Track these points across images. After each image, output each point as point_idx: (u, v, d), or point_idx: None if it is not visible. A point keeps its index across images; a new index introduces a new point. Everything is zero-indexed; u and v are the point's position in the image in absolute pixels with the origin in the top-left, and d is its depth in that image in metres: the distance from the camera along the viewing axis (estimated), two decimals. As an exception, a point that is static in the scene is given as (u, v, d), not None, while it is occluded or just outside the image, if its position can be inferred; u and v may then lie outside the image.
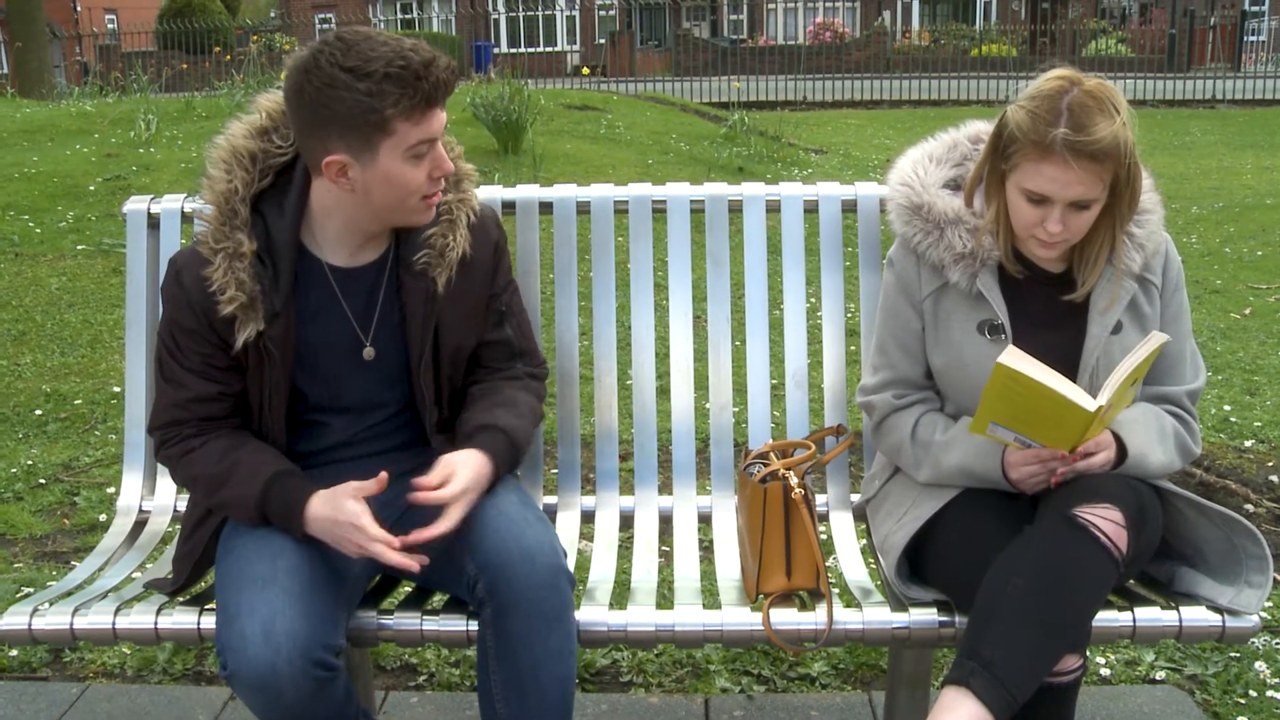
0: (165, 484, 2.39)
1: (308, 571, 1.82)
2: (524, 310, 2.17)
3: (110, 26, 35.48)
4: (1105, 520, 1.77)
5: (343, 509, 1.80)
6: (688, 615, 1.93)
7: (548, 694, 1.82)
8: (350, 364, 1.98)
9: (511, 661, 1.82)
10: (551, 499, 2.39)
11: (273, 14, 39.60)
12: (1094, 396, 1.80)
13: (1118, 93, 1.88)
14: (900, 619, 1.91)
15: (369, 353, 1.97)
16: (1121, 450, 1.92)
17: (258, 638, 1.70)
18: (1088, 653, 1.83)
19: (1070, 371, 1.94)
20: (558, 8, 32.49)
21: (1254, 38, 26.48)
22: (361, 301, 1.96)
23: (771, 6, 35.43)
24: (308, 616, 1.75)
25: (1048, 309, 2.02)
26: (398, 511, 1.98)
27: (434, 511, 1.86)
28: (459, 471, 1.86)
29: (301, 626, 1.72)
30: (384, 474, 1.81)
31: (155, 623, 1.95)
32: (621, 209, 2.42)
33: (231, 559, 1.86)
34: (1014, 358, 1.80)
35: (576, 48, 34.72)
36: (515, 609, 1.81)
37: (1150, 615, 1.90)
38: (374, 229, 1.94)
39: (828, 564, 2.02)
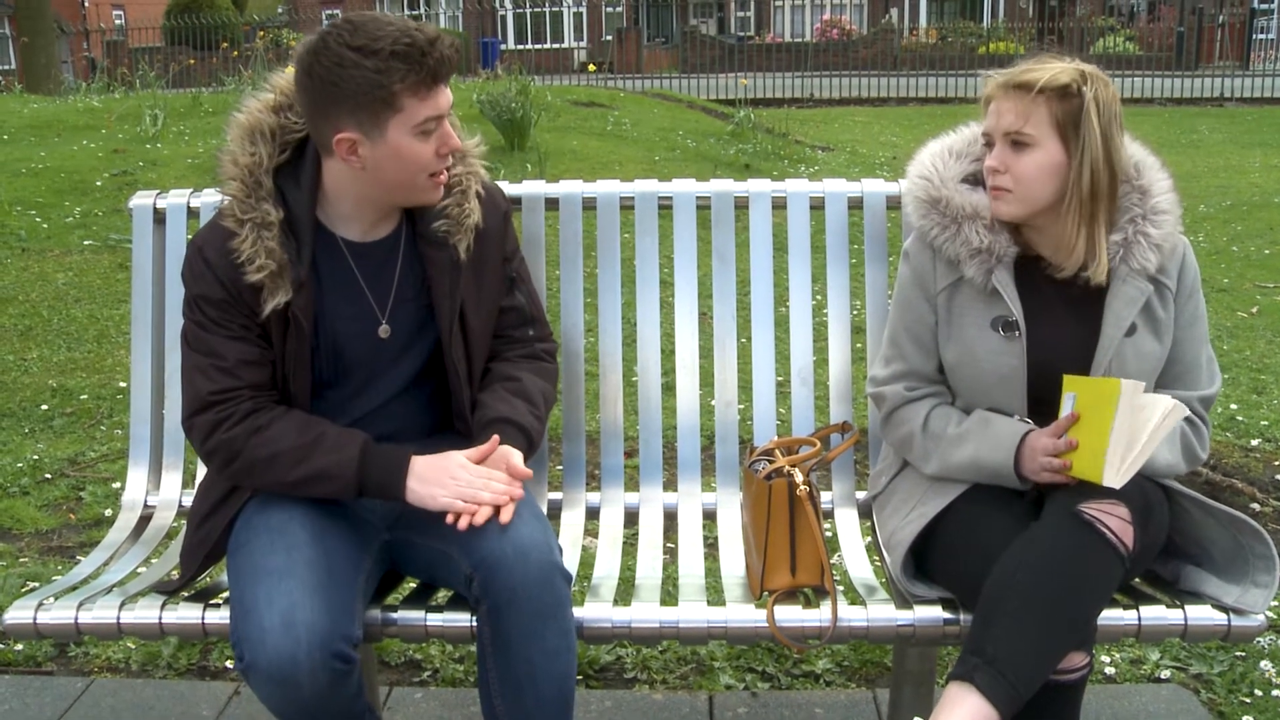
0: (170, 478, 2.40)
1: (324, 564, 1.81)
2: (530, 277, 2.20)
3: (118, 22, 35.47)
4: (1111, 517, 1.77)
5: (448, 455, 1.88)
6: (692, 612, 1.93)
7: (544, 692, 1.82)
8: (366, 341, 1.99)
9: (507, 659, 1.82)
10: (556, 495, 2.39)
11: (280, 9, 39.62)
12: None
13: (1108, 83, 1.94)
14: (905, 616, 1.91)
15: (384, 330, 1.99)
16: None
17: (277, 629, 1.69)
18: (1093, 651, 1.83)
19: (1083, 372, 1.94)
20: (565, 4, 32.50)
21: (1263, 36, 26.40)
22: (377, 276, 1.99)
23: (779, 4, 35.41)
24: (328, 609, 1.74)
25: (1063, 308, 2.01)
26: (399, 509, 1.99)
27: (429, 512, 1.88)
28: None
29: (321, 619, 1.72)
30: (495, 437, 1.92)
31: (160, 617, 1.95)
32: (627, 205, 2.42)
33: (245, 552, 1.86)
34: (1133, 387, 1.78)
35: (583, 44, 34.67)
36: (510, 607, 1.80)
37: (1156, 614, 1.89)
38: (386, 206, 1.97)
39: (832, 561, 2.01)
